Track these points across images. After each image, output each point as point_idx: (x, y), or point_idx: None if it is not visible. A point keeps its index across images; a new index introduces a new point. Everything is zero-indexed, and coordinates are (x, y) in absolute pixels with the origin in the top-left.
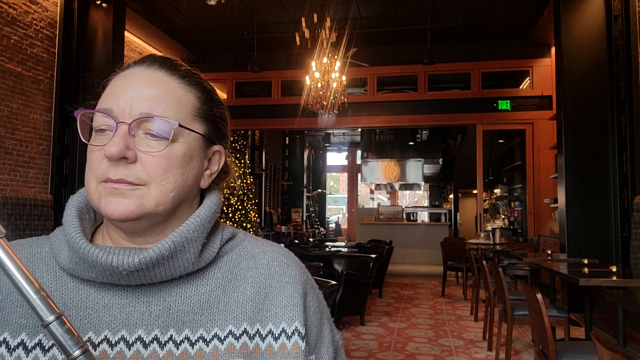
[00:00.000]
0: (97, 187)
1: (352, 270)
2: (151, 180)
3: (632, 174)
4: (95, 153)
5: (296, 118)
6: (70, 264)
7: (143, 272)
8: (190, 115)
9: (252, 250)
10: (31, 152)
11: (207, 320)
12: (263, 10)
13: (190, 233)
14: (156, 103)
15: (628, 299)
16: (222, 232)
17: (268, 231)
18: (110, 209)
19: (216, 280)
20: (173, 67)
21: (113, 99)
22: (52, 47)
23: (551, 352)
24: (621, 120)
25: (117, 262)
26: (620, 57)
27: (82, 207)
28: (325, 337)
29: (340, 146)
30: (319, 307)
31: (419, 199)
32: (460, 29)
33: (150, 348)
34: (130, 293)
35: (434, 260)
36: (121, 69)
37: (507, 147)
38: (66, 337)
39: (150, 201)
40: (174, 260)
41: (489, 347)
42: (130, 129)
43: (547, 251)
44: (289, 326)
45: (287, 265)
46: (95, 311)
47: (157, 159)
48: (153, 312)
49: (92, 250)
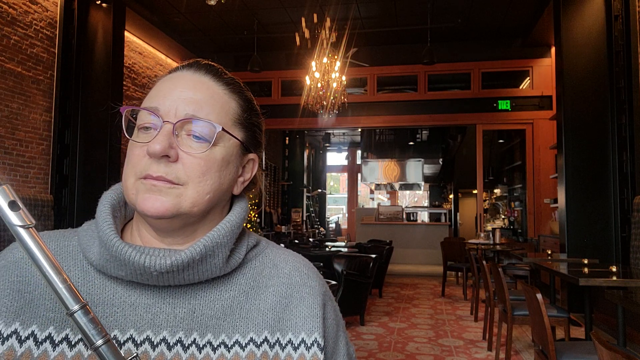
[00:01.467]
0: (135, 183)
1: (352, 270)
2: (189, 181)
3: (632, 174)
4: (137, 149)
5: (296, 118)
6: (100, 260)
7: (172, 274)
8: (231, 121)
9: (274, 259)
10: (31, 152)
11: (229, 326)
12: (263, 10)
13: (221, 238)
14: (201, 106)
15: (628, 299)
16: (248, 238)
17: (268, 231)
18: (147, 206)
19: (240, 287)
20: (219, 73)
21: (160, 99)
22: (52, 47)
23: (551, 352)
24: (621, 120)
25: (149, 262)
26: (620, 57)
27: (115, 204)
28: (341, 349)
29: (340, 146)
30: (336, 319)
31: (419, 199)
32: (460, 29)
33: (174, 350)
34: (156, 294)
35: (434, 260)
36: (169, 71)
37: (507, 147)
38: (90, 326)
39: (186, 201)
40: (203, 264)
41: (489, 347)
42: (175, 129)
43: (547, 251)
44: (309, 337)
45: (307, 276)
46: (122, 309)
47: (198, 160)
48: (178, 315)
49: (125, 248)
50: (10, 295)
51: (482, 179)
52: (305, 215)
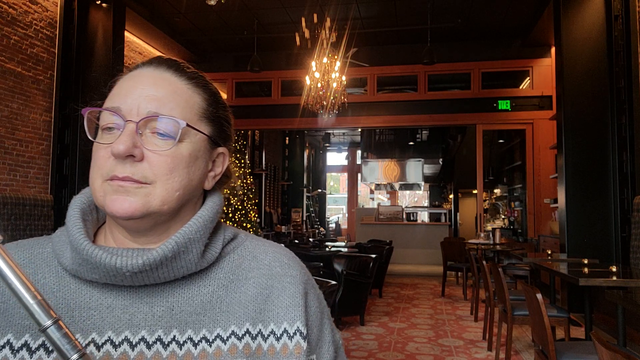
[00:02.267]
0: (102, 185)
1: (352, 270)
2: (157, 179)
3: (632, 174)
4: (102, 151)
5: (296, 118)
6: (73, 265)
7: (146, 273)
8: (196, 116)
9: (253, 251)
10: (31, 152)
11: (210, 321)
12: (263, 10)
13: (193, 234)
14: (164, 103)
15: (628, 299)
16: (224, 232)
17: (268, 231)
18: (115, 207)
19: (218, 281)
20: (180, 68)
21: (121, 98)
22: (52, 47)
23: (551, 352)
24: (621, 120)
25: (120, 263)
26: (620, 57)
27: (85, 207)
28: (326, 336)
29: (340, 146)
30: (319, 307)
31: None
32: (460, 29)
33: (154, 349)
34: (133, 294)
35: (434, 260)
36: (129, 70)
37: (507, 147)
38: (63, 341)
39: (155, 200)
40: (177, 261)
41: (489, 347)
42: (138, 128)
43: (547, 251)
44: (291, 326)
45: (288, 266)
46: (99, 312)
47: (164, 158)
48: (156, 313)
49: (96, 251)
50: None
51: (482, 179)
52: (305, 215)
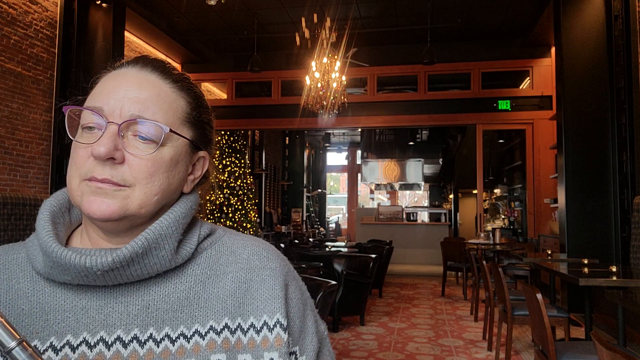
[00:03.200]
0: (80, 185)
1: (352, 270)
2: (136, 182)
3: (632, 174)
4: (81, 150)
5: (296, 118)
6: (45, 268)
7: (118, 272)
8: (179, 120)
9: (231, 246)
10: (31, 152)
11: (188, 317)
12: (263, 10)
13: (164, 229)
14: (147, 106)
15: (628, 299)
16: (200, 228)
17: (268, 231)
18: (92, 209)
19: (195, 277)
20: (166, 70)
21: (104, 98)
22: (52, 47)
23: (551, 352)
24: (621, 120)
25: (90, 262)
26: (620, 57)
27: (55, 210)
28: (309, 327)
29: (340, 146)
30: (301, 299)
31: (419, 199)
32: (460, 29)
33: (130, 347)
34: (107, 294)
35: (434, 260)
36: (113, 68)
37: (507, 147)
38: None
39: (133, 203)
40: (149, 258)
41: (489, 347)
42: (120, 130)
43: (547, 251)
44: (271, 318)
45: (267, 259)
46: (74, 314)
47: (145, 162)
48: (131, 312)
49: (65, 253)
50: None
51: (482, 179)
52: (305, 215)
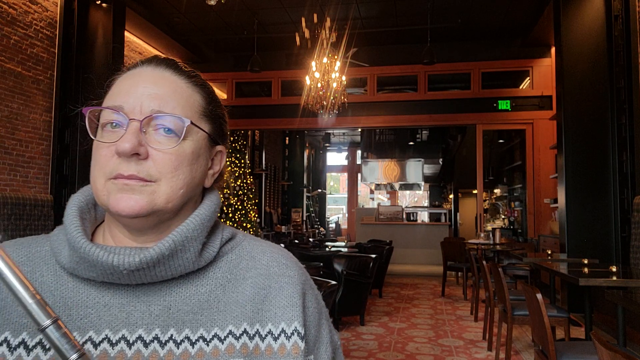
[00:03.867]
0: (105, 184)
1: (352, 270)
2: (162, 177)
3: (632, 174)
4: (104, 150)
5: (296, 118)
6: (70, 263)
7: (144, 272)
8: (197, 114)
9: (251, 251)
10: (31, 152)
11: (207, 320)
12: (263, 10)
13: (191, 232)
14: (166, 101)
15: (628, 299)
16: (222, 232)
17: (268, 231)
18: (121, 206)
19: (216, 280)
20: (179, 67)
21: (122, 97)
22: (52, 47)
23: (551, 352)
24: (621, 120)
25: (118, 261)
26: (620, 57)
27: (83, 206)
28: (324, 337)
29: (340, 146)
30: (317, 308)
31: (419, 199)
32: (460, 29)
33: (151, 347)
34: (130, 292)
35: (434, 260)
36: (127, 68)
37: (507, 147)
38: (62, 341)
39: (160, 197)
40: (175, 260)
41: (489, 347)
42: (142, 126)
43: (547, 251)
44: (288, 326)
45: (286, 266)
46: (96, 310)
47: (168, 156)
48: (153, 312)
49: (94, 249)
50: None
51: (482, 179)
52: (305, 215)
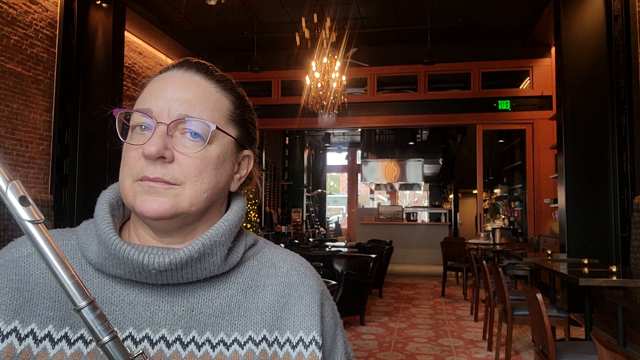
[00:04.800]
0: (132, 185)
1: (352, 270)
2: (186, 180)
3: (632, 174)
4: (132, 152)
5: (296, 118)
6: (99, 258)
7: (171, 273)
8: (224, 118)
9: (272, 258)
10: (31, 152)
11: (228, 325)
12: (263, 10)
13: (219, 237)
14: (194, 105)
15: (628, 299)
16: (246, 238)
17: (268, 231)
18: (145, 207)
19: (238, 285)
20: (209, 72)
21: (152, 100)
22: (52, 47)
23: (551, 352)
24: (621, 120)
25: (148, 260)
26: (620, 57)
27: (113, 202)
28: (339, 347)
29: (340, 146)
30: (333, 318)
31: (419, 199)
32: (460, 29)
33: (173, 348)
34: (155, 292)
35: (434, 260)
36: (159, 72)
37: (507, 147)
38: (97, 322)
39: (184, 200)
40: (202, 263)
41: (489, 347)
42: (169, 130)
43: (547, 251)
44: (307, 335)
45: (305, 275)
46: (120, 307)
47: (193, 160)
48: (177, 313)
49: (124, 247)
50: (10, 294)
51: (482, 179)
52: (305, 215)
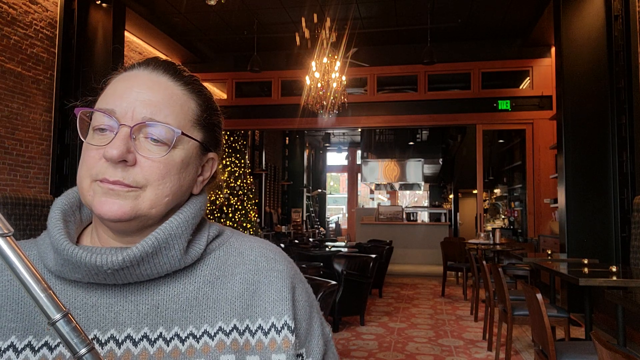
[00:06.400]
0: (91, 185)
1: (352, 270)
2: (148, 184)
3: (632, 174)
4: (93, 152)
5: (296, 118)
6: (56, 266)
7: (128, 270)
8: (190, 122)
9: (239, 247)
10: (31, 152)
11: (197, 317)
12: (263, 10)
13: (174, 230)
14: (159, 108)
15: (628, 299)
16: (209, 229)
17: (268, 231)
18: (104, 209)
19: (204, 278)
20: (177, 72)
21: (116, 100)
22: (52, 47)
23: (551, 352)
24: (621, 120)
25: (100, 261)
26: (620, 57)
27: (66, 209)
28: (315, 330)
29: (340, 146)
30: (308, 301)
31: (419, 199)
32: (460, 29)
33: (140, 346)
34: (117, 292)
35: (434, 260)
36: (124, 69)
37: (507, 147)
38: (72, 335)
39: (144, 203)
40: (159, 257)
41: (489, 347)
42: (132, 132)
43: (547, 251)
44: (278, 320)
45: (274, 260)
46: (84, 311)
47: (157, 164)
48: (141, 311)
49: (76, 251)
50: None
51: (482, 179)
52: (305, 215)
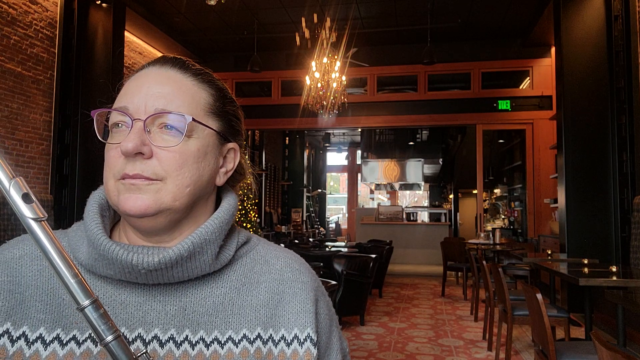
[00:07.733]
0: (115, 185)
1: (352, 270)
2: (167, 175)
3: (632, 174)
4: (112, 151)
5: (296, 118)
6: (89, 259)
7: (161, 272)
8: (203, 111)
9: (265, 255)
10: (31, 152)
11: (222, 323)
12: (263, 10)
13: (209, 235)
14: (170, 100)
15: (628, 299)
16: (238, 235)
17: (268, 231)
18: (128, 205)
19: (231, 283)
20: (185, 65)
21: (128, 98)
22: (52, 47)
23: (551, 352)
24: (621, 120)
25: (137, 260)
26: (620, 57)
27: (103, 203)
28: (334, 344)
29: (340, 146)
30: (328, 314)
31: (419, 199)
32: (460, 29)
33: (167, 347)
34: (147, 292)
35: (434, 260)
36: (135, 71)
37: (507, 147)
38: (100, 321)
39: (167, 196)
40: (192, 261)
41: (489, 347)
42: (146, 125)
43: (547, 251)
44: (301, 332)
45: (299, 272)
46: (112, 308)
47: (173, 154)
48: (169, 312)
49: (113, 247)
50: (2, 295)
51: (482, 179)
52: (305, 215)
